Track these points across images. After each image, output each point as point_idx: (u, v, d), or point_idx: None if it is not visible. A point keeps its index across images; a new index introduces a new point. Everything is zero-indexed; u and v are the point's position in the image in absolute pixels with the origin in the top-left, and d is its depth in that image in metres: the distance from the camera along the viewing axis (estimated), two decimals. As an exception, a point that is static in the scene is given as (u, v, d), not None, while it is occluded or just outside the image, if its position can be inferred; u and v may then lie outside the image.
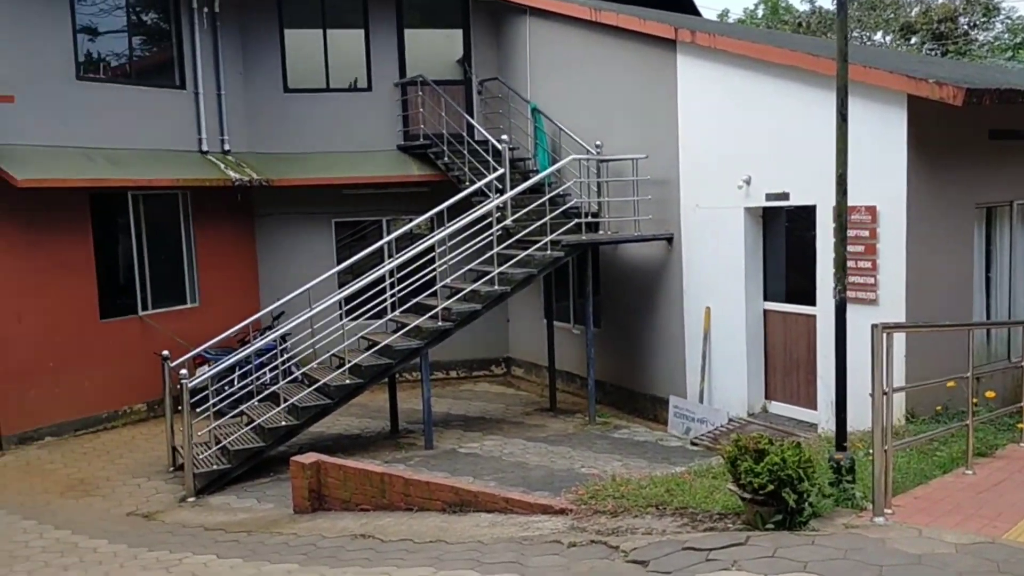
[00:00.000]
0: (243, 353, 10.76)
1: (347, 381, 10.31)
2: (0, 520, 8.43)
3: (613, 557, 5.36)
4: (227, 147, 13.71)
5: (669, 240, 11.57)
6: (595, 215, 12.14)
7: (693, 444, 10.53)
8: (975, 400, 7.16)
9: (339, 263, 13.00)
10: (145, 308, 12.77)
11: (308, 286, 10.85)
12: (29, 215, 11.25)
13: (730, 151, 10.49)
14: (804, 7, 29.65)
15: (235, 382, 11.08)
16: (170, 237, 13.23)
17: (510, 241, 11.33)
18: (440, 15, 15.22)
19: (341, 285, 12.08)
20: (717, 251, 10.81)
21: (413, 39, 14.89)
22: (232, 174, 13.16)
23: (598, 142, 11.98)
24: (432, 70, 14.48)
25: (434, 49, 15.28)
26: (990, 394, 7.63)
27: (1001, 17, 26.34)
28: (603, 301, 12.88)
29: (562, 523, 6.28)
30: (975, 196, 9.33)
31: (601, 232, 12.03)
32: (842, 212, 5.93)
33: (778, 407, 10.57)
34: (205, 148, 13.41)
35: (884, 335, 5.30)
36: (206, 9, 13.39)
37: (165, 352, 10.43)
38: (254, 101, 14.17)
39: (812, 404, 9.94)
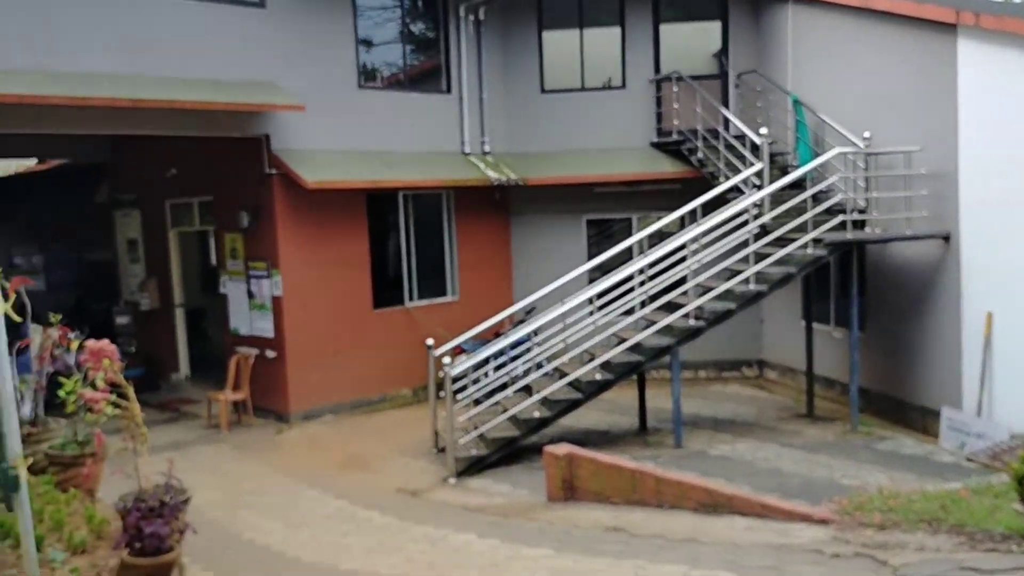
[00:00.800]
0: (499, 345, 11.21)
1: (597, 377, 10.45)
2: (290, 488, 9.38)
3: (880, 572, 5.06)
4: (486, 148, 14.36)
5: (945, 239, 10.67)
6: (861, 212, 11.44)
7: (968, 460, 9.66)
8: None
9: (589, 260, 13.21)
10: (411, 300, 13.69)
11: (559, 282, 11.10)
12: (316, 213, 12.41)
13: (1020, 143, 9.49)
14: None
15: (489, 373, 11.58)
16: (434, 234, 14.09)
17: (767, 239, 10.95)
18: (697, 8, 15.01)
19: (591, 282, 12.26)
20: (1003, 251, 9.85)
21: (669, 34, 14.80)
22: (491, 174, 13.77)
23: (866, 134, 11.28)
24: (687, 65, 14.33)
25: (690, 44, 15.10)
26: None
27: None
28: (868, 303, 12.12)
29: (823, 533, 6.02)
30: None
31: (868, 230, 11.32)
32: None
33: (1073, 426, 9.46)
34: (467, 149, 14.14)
35: None
36: (472, 17, 14.10)
37: (430, 341, 11.11)
38: (512, 103, 14.73)
39: (1119, 425, 8.79)
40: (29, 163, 16.41)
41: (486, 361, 11.44)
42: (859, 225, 11.30)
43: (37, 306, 5.33)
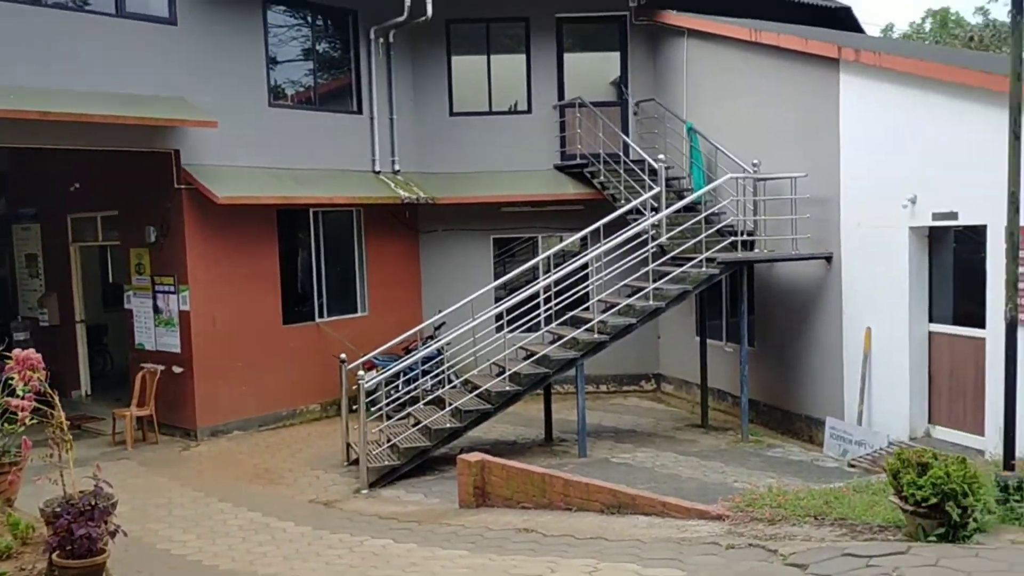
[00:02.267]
0: (410, 360, 11.47)
1: (507, 388, 10.82)
2: (200, 501, 9.38)
3: (772, 560, 5.55)
4: (397, 167, 14.63)
5: (828, 259, 11.51)
6: (751, 233, 12.21)
7: (850, 466, 10.39)
8: None
9: (496, 278, 13.62)
10: (321, 315, 13.80)
11: (468, 299, 11.45)
12: (226, 229, 12.41)
13: (895, 170, 10.37)
14: (976, 20, 28.39)
15: (400, 387, 11.82)
16: (344, 251, 14.25)
17: (665, 258, 11.58)
18: (598, 39, 15.71)
19: (498, 299, 12.64)
20: (879, 271, 10.68)
21: (572, 63, 15.42)
22: (401, 193, 14.04)
23: (755, 161, 12.07)
24: (590, 92, 14.96)
25: (592, 72, 15.77)
26: None
27: None
28: (757, 320, 12.88)
29: (719, 528, 6.50)
30: None
31: (757, 250, 12.09)
32: (1014, 231, 5.92)
33: (942, 432, 10.30)
34: (378, 168, 14.38)
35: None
36: (382, 40, 14.39)
37: (343, 355, 11.28)
38: (422, 124, 15.06)
39: (979, 430, 9.65)
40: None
41: (398, 375, 11.68)
42: (749, 246, 12.06)
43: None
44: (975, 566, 4.84)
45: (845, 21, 16.69)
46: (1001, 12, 26.26)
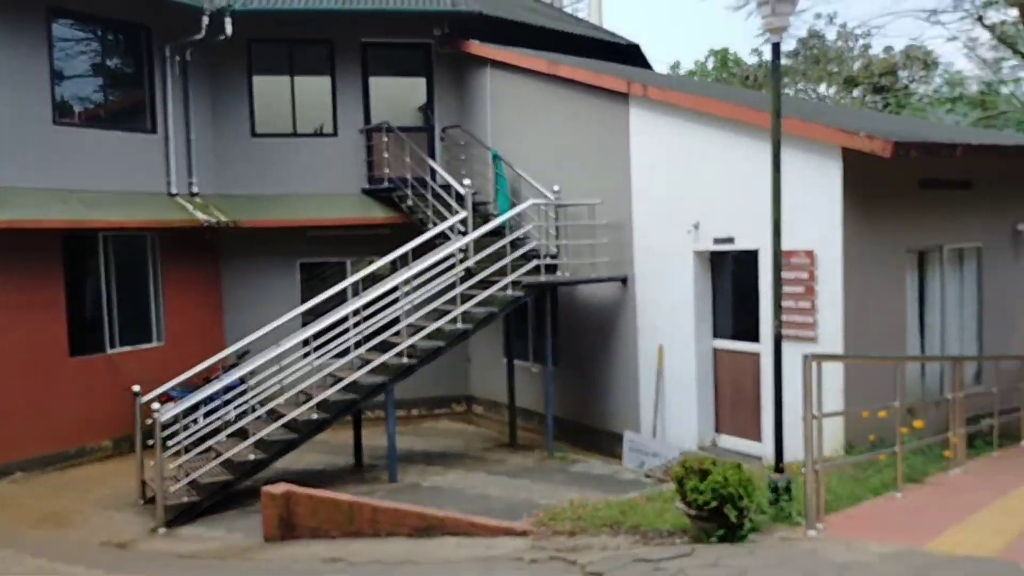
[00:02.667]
0: (210, 390, 11.03)
1: (314, 416, 10.64)
2: (-26, 551, 8.59)
3: (572, 571, 5.80)
4: (195, 189, 14.08)
5: (624, 281, 12.15)
6: (554, 257, 12.69)
7: (647, 476, 10.98)
8: (905, 430, 7.78)
9: (303, 303, 13.35)
10: (113, 346, 13.00)
11: (272, 325, 11.17)
12: (4, 255, 11.48)
13: (680, 198, 11.14)
14: (752, 60, 30.93)
15: (200, 420, 11.33)
16: (138, 277, 13.51)
17: (472, 281, 11.81)
18: (404, 65, 15.83)
19: (305, 325, 12.41)
20: (668, 292, 11.40)
21: (378, 87, 15.46)
22: (200, 216, 13.52)
23: (556, 187, 12.58)
24: (397, 117, 15.05)
25: (399, 97, 15.88)
26: (918, 424, 8.25)
27: (940, 71, 27.77)
28: (561, 340, 13.38)
29: (523, 543, 6.71)
30: (907, 241, 10.05)
31: (559, 273, 12.57)
32: (776, 255, 6.53)
33: (727, 440, 11.10)
34: (174, 190, 13.78)
35: (813, 364, 5.86)
36: (178, 57, 13.84)
37: (136, 387, 10.69)
38: (223, 145, 14.60)
39: (758, 437, 10.48)
40: None
41: (197, 407, 11.19)
42: (552, 269, 12.53)
43: None
44: (749, 563, 5.28)
45: (635, 58, 17.74)
46: (769, 52, 28.71)
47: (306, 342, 11.32)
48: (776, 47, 6.62)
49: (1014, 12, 19.33)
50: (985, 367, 10.59)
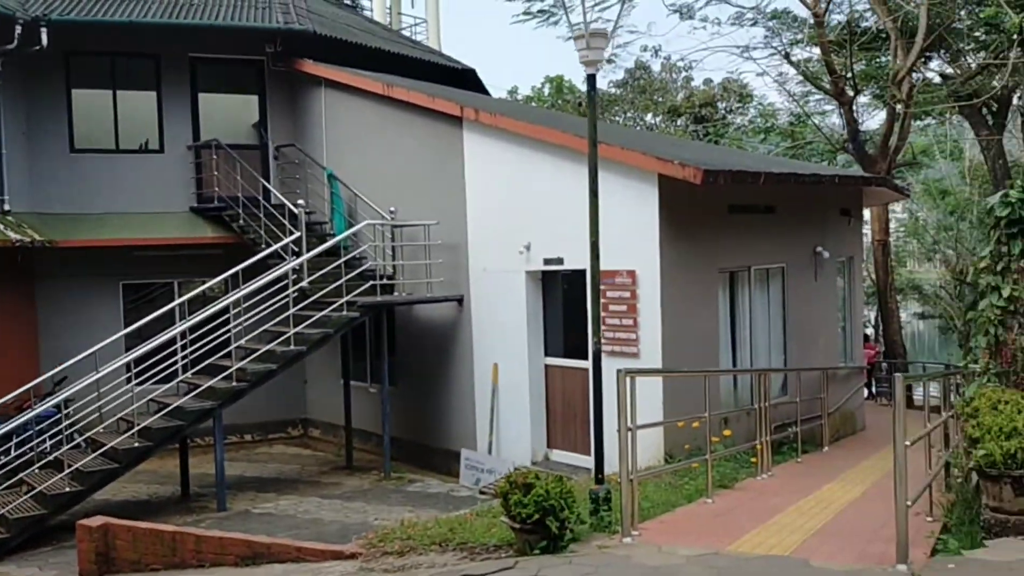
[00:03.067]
0: (20, 420, 10.37)
1: (135, 444, 10.20)
2: None
3: (398, 591, 5.86)
4: (7, 207, 13.21)
5: (460, 301, 12.34)
6: (390, 277, 12.73)
7: (482, 493, 11.17)
8: (716, 439, 8.31)
9: (127, 326, 12.76)
10: (-92, 376, 11.97)
11: (92, 350, 10.63)
12: None
13: (512, 219, 11.46)
14: (585, 87, 32.02)
15: (11, 450, 10.62)
16: (-61, 300, 12.54)
17: (306, 302, 11.68)
18: (236, 81, 15.49)
19: (129, 349, 11.88)
20: (502, 311, 11.68)
21: (208, 103, 15.03)
22: (11, 235, 12.69)
23: (392, 208, 12.64)
24: (229, 134, 14.68)
25: (230, 113, 15.50)
26: (727, 432, 8.83)
27: (754, 103, 29.80)
28: (399, 360, 13.41)
29: (352, 566, 6.71)
30: (719, 262, 10.75)
31: (396, 294, 12.63)
32: (595, 274, 6.87)
33: (559, 455, 11.46)
34: (-18, 208, 12.89)
35: (627, 379, 6.20)
36: (-13, 67, 13.01)
37: (-66, 421, 9.91)
38: (38, 161, 13.80)
39: (587, 451, 10.83)
40: None
41: (8, 437, 10.49)
42: (388, 289, 12.57)
43: None
44: (568, 572, 5.51)
45: (472, 82, 18.09)
46: (602, 82, 29.98)
47: (129, 367, 10.84)
48: (592, 79, 6.99)
49: (817, 51, 21.03)
50: (790, 378, 11.42)
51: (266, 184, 14.11)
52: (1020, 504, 5.78)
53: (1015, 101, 21.12)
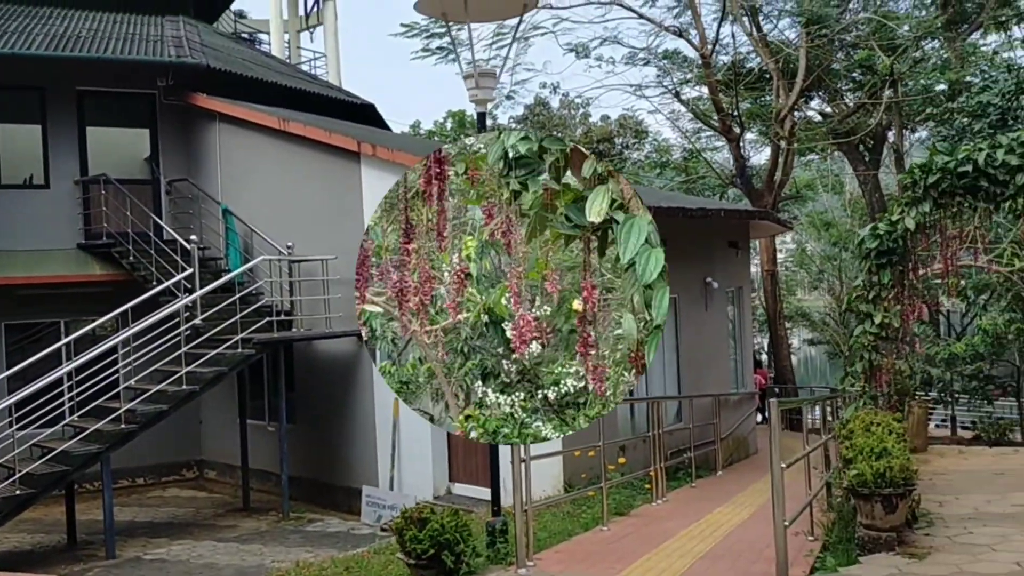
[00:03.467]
0: None
1: (17, 492, 9.76)
2: None
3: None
4: None
5: (359, 336, 12.27)
6: (288, 313, 12.58)
7: (383, 530, 11.06)
8: (612, 467, 8.49)
9: (9, 368, 12.22)
10: None
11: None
12: None
13: (410, 254, 11.49)
14: (488, 122, 32.42)
15: None
16: None
17: (200, 340, 11.43)
18: (126, 115, 15.13)
19: (11, 392, 11.38)
20: (401, 345, 11.66)
21: (97, 137, 14.63)
22: None
23: (289, 243, 12.53)
24: (119, 168, 14.31)
25: (121, 147, 15.13)
26: (622, 460, 9.04)
27: (650, 139, 30.68)
28: (298, 397, 13.21)
29: (245, 610, 6.58)
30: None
31: (294, 330, 12.48)
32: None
33: (461, 488, 11.47)
34: None
35: (520, 412, 6.30)
36: None
37: None
38: (-88, 196, 13.17)
39: (488, 483, 10.90)
40: None
41: None
42: (286, 325, 12.41)
43: None
44: (461, 605, 5.54)
45: (372, 117, 18.12)
46: (503, 118, 30.50)
47: (11, 411, 10.38)
48: (481, 116, 7.16)
49: (706, 90, 21.92)
50: (684, 405, 11.76)
51: (157, 220, 13.80)
52: (890, 521, 6.12)
53: (889, 138, 22.44)
